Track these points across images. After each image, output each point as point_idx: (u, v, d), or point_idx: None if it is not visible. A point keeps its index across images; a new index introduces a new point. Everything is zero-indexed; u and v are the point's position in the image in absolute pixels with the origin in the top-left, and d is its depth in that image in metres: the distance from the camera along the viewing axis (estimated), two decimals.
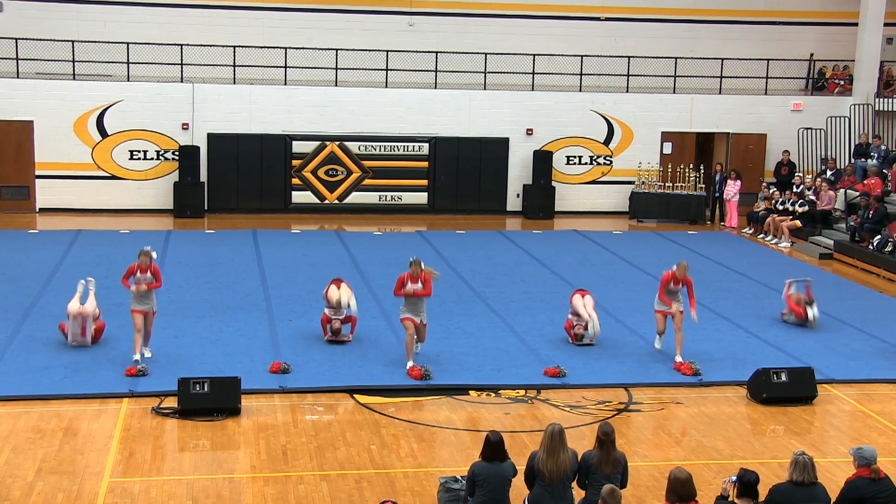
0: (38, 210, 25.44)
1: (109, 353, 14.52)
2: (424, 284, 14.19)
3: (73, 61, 25.65)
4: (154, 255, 14.61)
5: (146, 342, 14.41)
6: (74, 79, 25.60)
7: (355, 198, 26.55)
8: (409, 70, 27.07)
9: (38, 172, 25.40)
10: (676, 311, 14.77)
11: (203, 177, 25.79)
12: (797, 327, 16.97)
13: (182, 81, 25.92)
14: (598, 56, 28.10)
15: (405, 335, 14.37)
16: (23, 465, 11.10)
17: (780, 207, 25.14)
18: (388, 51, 26.97)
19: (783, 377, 13.60)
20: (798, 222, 24.53)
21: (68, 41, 25.75)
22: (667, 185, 27.13)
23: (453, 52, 27.31)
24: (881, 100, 27.95)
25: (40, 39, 25.69)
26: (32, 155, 25.28)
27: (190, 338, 15.42)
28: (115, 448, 11.56)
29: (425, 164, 26.75)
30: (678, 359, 14.61)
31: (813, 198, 25.12)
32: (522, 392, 13.72)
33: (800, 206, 24.74)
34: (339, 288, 15.58)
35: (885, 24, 28.14)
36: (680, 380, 14.25)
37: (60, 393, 13.07)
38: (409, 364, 14.17)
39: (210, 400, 12.50)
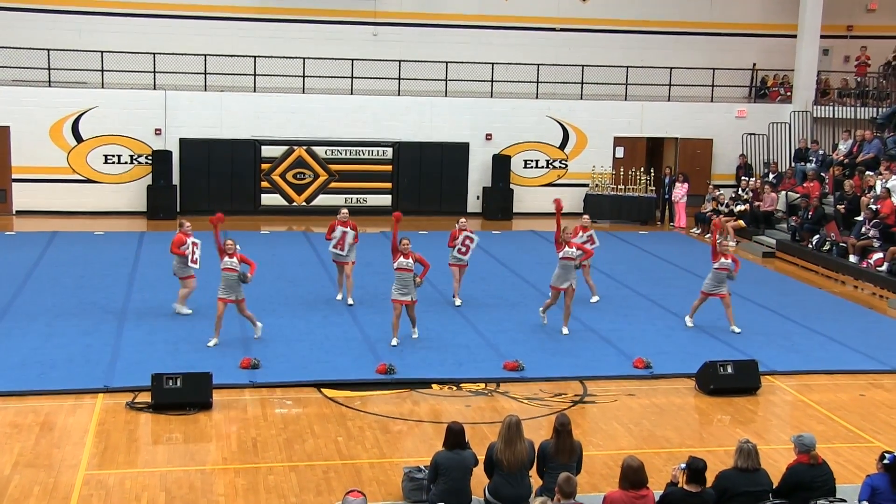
0: (14, 212, 25.13)
1: (85, 351, 14.38)
2: (422, 262, 15.02)
3: (49, 69, 25.36)
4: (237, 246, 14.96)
5: (254, 321, 15.05)
6: (50, 86, 25.32)
7: (322, 200, 26.46)
8: (374, 78, 27.03)
9: (14, 176, 25.09)
10: None
11: (175, 180, 25.59)
12: (742, 321, 17.08)
13: (155, 88, 25.71)
14: (553, 65, 28.22)
15: (392, 315, 15.05)
16: None
17: (726, 209, 25.35)
18: (353, 59, 26.90)
19: (729, 369, 13.70)
20: (741, 222, 24.73)
21: (44, 49, 25.46)
22: (619, 187, 27.27)
23: (416, 61, 27.30)
24: (818, 107, 28.28)
25: (17, 47, 25.38)
26: (9, 159, 24.97)
27: (163, 335, 15.30)
28: (90, 442, 11.44)
29: (389, 167, 26.71)
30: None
31: (747, 197, 25.37)
32: (483, 385, 13.72)
33: (737, 203, 25.02)
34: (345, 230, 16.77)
35: (822, 37, 28.49)
36: (632, 372, 14.32)
37: (37, 389, 12.92)
38: (394, 341, 14.92)
39: (183, 395, 12.40)
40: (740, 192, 25.70)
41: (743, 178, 26.69)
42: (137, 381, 13.04)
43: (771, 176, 26.62)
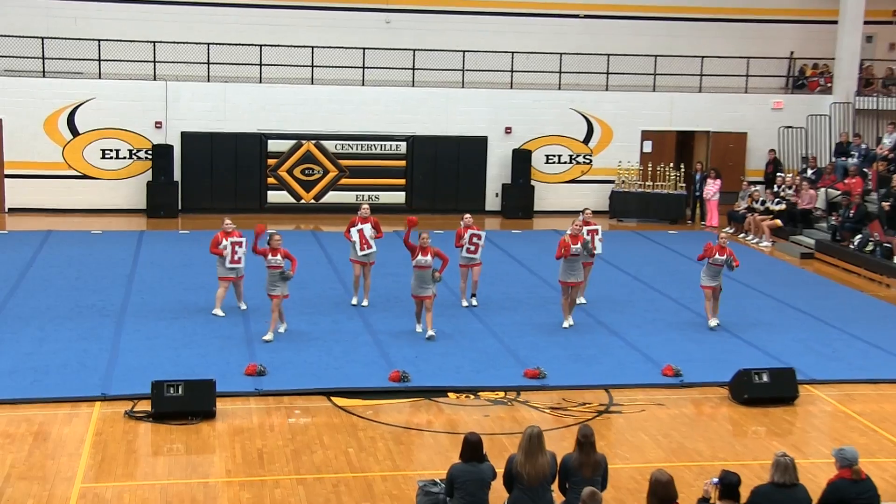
0: (7, 210, 25.25)
1: (80, 356, 14.44)
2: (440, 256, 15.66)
3: (43, 58, 25.48)
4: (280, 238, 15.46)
5: (282, 320, 15.63)
6: (44, 76, 25.44)
7: (332, 197, 26.50)
8: (386, 68, 27.04)
9: (7, 172, 25.21)
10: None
11: (177, 176, 25.68)
12: (778, 327, 17.02)
13: (155, 79, 25.80)
14: (577, 54, 28.16)
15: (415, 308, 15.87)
16: None
17: (761, 207, 25.25)
18: (364, 48, 26.93)
19: (764, 378, 13.65)
20: (779, 221, 24.64)
21: (38, 38, 25.58)
22: (647, 184, 27.20)
23: (431, 50, 27.30)
24: (861, 98, 28.14)
25: (9, 36, 25.51)
26: (1, 154, 25.09)
27: (163, 340, 15.35)
28: (86, 453, 11.48)
29: (403, 163, 26.73)
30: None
31: (792, 195, 25.24)
32: (502, 394, 13.71)
33: (776, 204, 24.88)
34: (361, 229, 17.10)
35: (865, 23, 28.34)
36: (661, 381, 14.28)
37: (30, 397, 12.97)
38: (419, 328, 15.81)
39: (184, 403, 12.44)
40: (776, 188, 25.56)
41: (778, 174, 26.57)
42: (136, 389, 13.07)
43: (809, 172, 26.51)
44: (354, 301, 17.50)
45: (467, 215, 17.78)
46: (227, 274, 16.78)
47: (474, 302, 17.71)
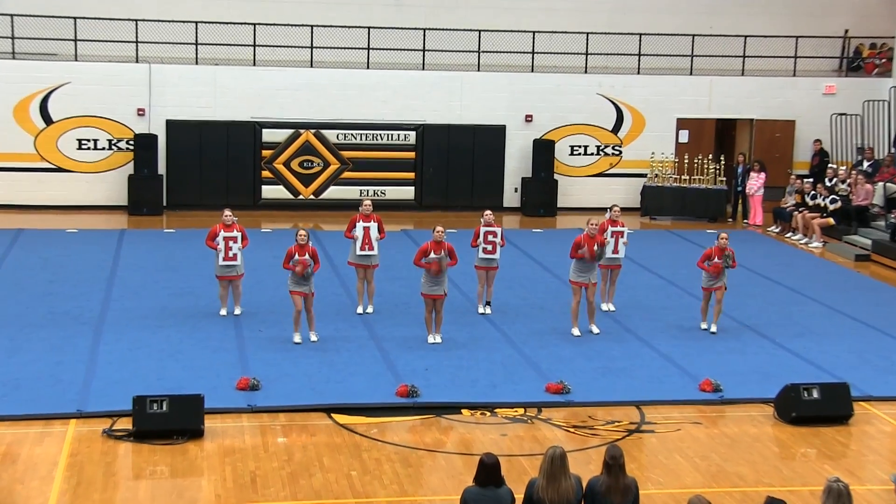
0: None
1: (54, 369, 14.47)
2: (451, 255, 15.81)
3: (13, 38, 25.56)
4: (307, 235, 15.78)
5: (311, 325, 15.83)
6: (14, 58, 25.53)
7: (333, 192, 26.52)
8: (394, 49, 27.05)
9: None
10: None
11: (161, 169, 25.73)
12: (830, 336, 16.97)
13: (137, 61, 25.86)
14: (605, 33, 28.10)
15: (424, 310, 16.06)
16: None
17: (811, 203, 25.17)
18: (370, 27, 26.94)
19: (815, 394, 13.60)
20: (831, 220, 24.56)
21: (7, 15, 25.66)
22: (683, 177, 27.14)
23: (443, 30, 27.30)
24: None
25: None
26: None
27: (147, 350, 15.37)
28: (60, 476, 11.49)
29: (412, 154, 26.73)
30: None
31: (847, 192, 25.16)
32: (521, 411, 13.70)
33: (831, 201, 24.77)
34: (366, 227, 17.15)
35: None
36: (698, 396, 14.25)
37: None
38: (430, 338, 15.96)
39: (169, 420, 12.44)
40: (828, 182, 25.43)
41: (829, 166, 26.46)
42: (116, 405, 13.09)
43: (865, 164, 26.41)
44: (360, 310, 17.51)
45: (487, 212, 17.72)
46: (222, 272, 16.88)
47: (488, 310, 17.70)
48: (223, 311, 17.06)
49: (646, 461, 12.35)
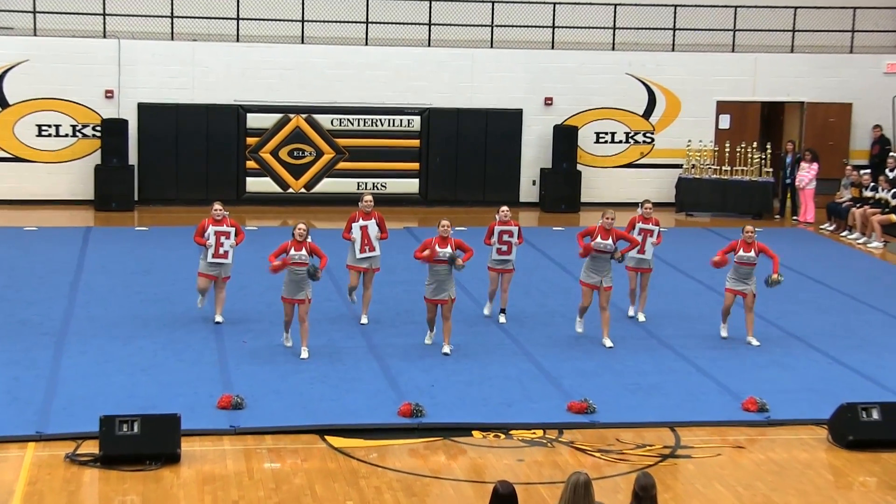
0: None
1: (10, 386, 14.48)
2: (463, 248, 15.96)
3: None
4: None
5: (303, 339, 15.80)
6: None
7: (327, 186, 26.54)
8: (396, 23, 27.05)
9: None
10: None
11: (132, 159, 25.77)
12: (892, 349, 16.94)
13: (105, 37, 25.89)
14: (635, 5, 28.11)
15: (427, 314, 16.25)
16: None
17: (870, 197, 25.12)
18: None
19: (874, 414, 13.56)
20: (893, 216, 24.53)
21: None
22: (723, 169, 27.12)
23: (452, 0, 27.30)
24: None
25: None
26: None
27: (116, 364, 15.38)
28: None
29: (416, 142, 26.74)
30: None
31: None
32: (540, 432, 13.69)
33: (893, 195, 24.74)
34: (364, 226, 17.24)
35: None
36: (741, 417, 14.23)
37: None
38: (429, 338, 16.26)
39: (141, 443, 12.44)
40: (889, 174, 25.39)
41: (891, 155, 26.40)
42: (81, 427, 13.08)
43: None
44: (365, 319, 17.53)
45: (504, 207, 17.72)
46: (208, 270, 16.95)
47: (502, 318, 17.70)
48: (200, 304, 17.23)
49: (681, 491, 12.33)
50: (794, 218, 26.88)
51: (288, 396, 14.39)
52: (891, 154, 26.56)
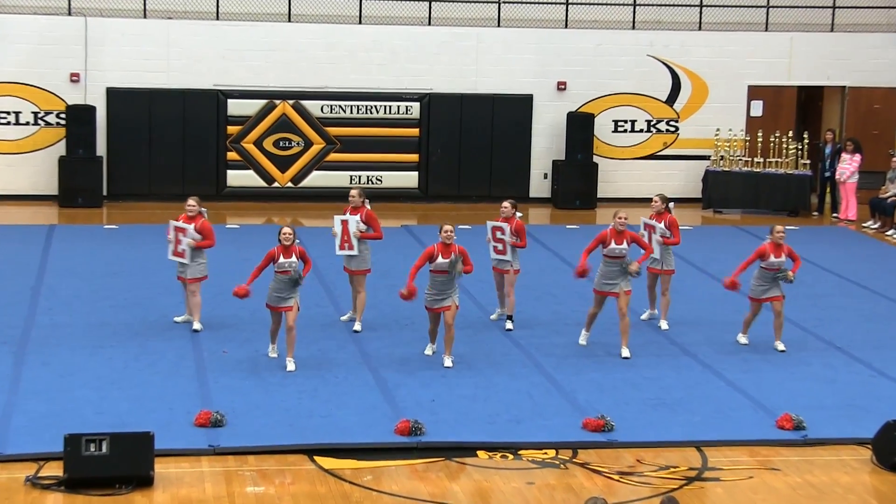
0: None
1: None
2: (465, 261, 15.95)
3: None
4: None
5: (289, 350, 15.78)
6: None
7: (317, 179, 26.53)
8: (394, 0, 27.11)
9: None
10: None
11: (101, 150, 25.78)
12: None
13: (70, 14, 25.88)
14: None
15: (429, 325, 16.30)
16: None
17: None
18: None
19: None
20: None
21: None
22: (756, 160, 27.11)
23: None
24: None
25: None
26: None
27: (82, 377, 15.36)
28: None
29: (415, 131, 26.74)
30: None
31: None
32: (552, 453, 13.68)
33: None
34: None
35: None
36: (776, 436, 14.21)
37: None
38: (429, 349, 16.31)
39: (110, 465, 12.42)
40: None
41: None
42: (43, 447, 13.06)
43: None
44: (357, 327, 17.59)
45: (505, 203, 17.72)
46: (182, 272, 17.15)
47: (509, 325, 17.71)
48: (178, 318, 17.31)
49: None
50: (835, 215, 26.85)
51: (273, 412, 14.37)
52: None
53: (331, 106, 26.49)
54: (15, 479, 12.59)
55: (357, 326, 17.46)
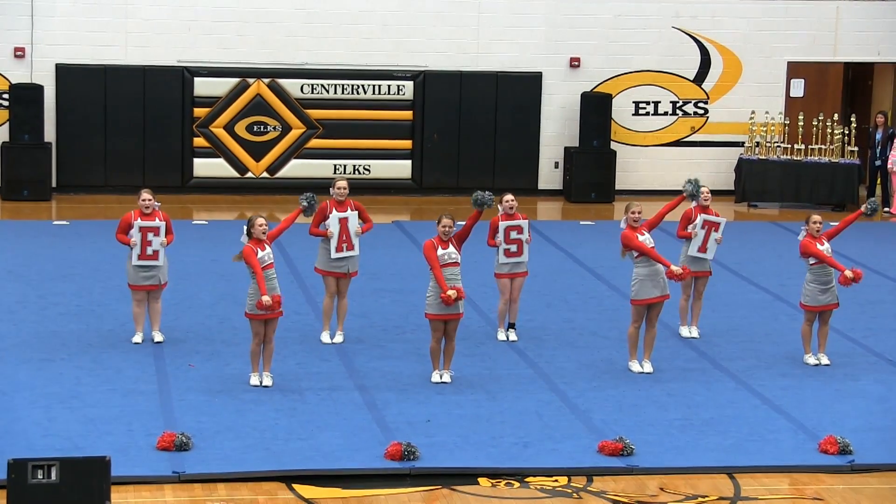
0: None
1: None
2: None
3: None
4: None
5: (266, 362, 15.75)
6: None
7: (296, 169, 26.56)
8: None
9: None
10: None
11: (49, 135, 25.81)
12: None
13: None
14: None
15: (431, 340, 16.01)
16: None
17: None
18: None
19: None
20: None
21: None
22: (796, 147, 27.14)
23: None
24: None
25: None
26: None
27: (28, 394, 15.38)
28: None
29: (408, 114, 26.77)
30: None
31: None
32: (563, 480, 13.71)
33: None
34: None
35: None
36: (818, 461, 14.24)
37: None
38: (435, 375, 16.03)
39: (60, 494, 12.46)
40: None
41: None
42: None
43: None
44: (326, 337, 17.54)
45: (508, 196, 17.71)
46: (137, 279, 16.89)
47: (512, 336, 17.72)
48: (137, 338, 17.08)
49: None
50: (886, 210, 26.89)
51: (246, 435, 14.38)
52: None
53: (312, 85, 26.51)
54: None
55: (339, 338, 17.43)
